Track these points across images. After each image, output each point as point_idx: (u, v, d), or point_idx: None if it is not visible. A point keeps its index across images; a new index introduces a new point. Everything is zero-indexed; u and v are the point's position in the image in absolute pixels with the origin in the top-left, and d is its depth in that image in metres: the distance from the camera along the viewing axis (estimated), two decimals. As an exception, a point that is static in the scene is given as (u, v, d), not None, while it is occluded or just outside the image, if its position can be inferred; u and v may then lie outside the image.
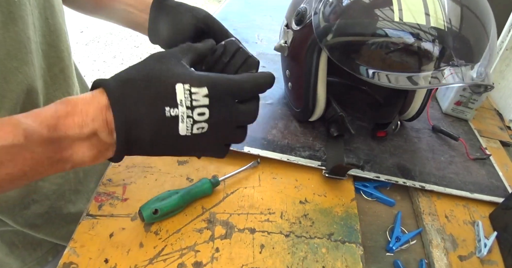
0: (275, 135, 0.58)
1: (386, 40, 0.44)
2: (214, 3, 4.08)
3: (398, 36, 0.44)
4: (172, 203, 0.42)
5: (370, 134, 0.63)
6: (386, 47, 0.45)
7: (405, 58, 0.45)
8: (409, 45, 0.44)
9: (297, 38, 0.56)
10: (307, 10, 0.53)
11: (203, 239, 0.42)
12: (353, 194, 0.51)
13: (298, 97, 0.59)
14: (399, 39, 0.44)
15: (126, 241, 0.40)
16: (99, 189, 0.45)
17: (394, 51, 0.45)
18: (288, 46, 0.58)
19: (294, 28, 0.55)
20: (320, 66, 0.53)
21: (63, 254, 0.38)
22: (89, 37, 3.10)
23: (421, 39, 0.44)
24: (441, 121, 0.72)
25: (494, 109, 0.83)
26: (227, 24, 0.46)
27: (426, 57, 0.44)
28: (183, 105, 0.32)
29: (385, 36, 0.44)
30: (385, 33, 0.44)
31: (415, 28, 0.43)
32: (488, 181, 0.58)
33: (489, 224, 0.52)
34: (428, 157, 0.61)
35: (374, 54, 0.46)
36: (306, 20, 0.52)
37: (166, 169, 0.49)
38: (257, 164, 0.52)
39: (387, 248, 0.46)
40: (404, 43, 0.44)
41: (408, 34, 0.44)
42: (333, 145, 0.58)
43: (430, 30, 0.43)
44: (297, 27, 0.55)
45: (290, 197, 0.49)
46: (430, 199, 0.54)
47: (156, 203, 0.42)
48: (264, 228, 0.44)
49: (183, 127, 0.33)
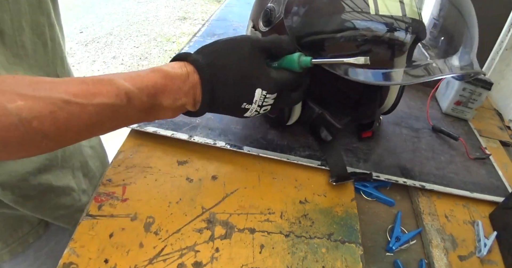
0: (275, 134, 0.58)
1: (361, 33, 0.42)
2: (214, 3, 4.08)
3: (373, 29, 0.41)
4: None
5: (355, 136, 0.61)
6: (362, 41, 0.42)
7: (382, 52, 0.43)
8: (383, 38, 0.42)
9: None
10: (276, 10, 0.49)
11: (203, 239, 0.42)
12: (353, 194, 0.51)
13: None
14: (374, 33, 0.41)
15: (126, 241, 0.40)
16: (99, 189, 0.45)
17: (370, 45, 0.42)
18: None
19: (263, 30, 0.52)
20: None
21: (63, 254, 0.38)
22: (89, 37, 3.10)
23: (394, 30, 0.41)
24: (441, 121, 0.72)
25: (494, 109, 0.83)
26: (227, 24, 0.46)
27: (400, 50, 0.42)
28: (256, 104, 0.41)
29: (357, 29, 0.42)
30: (356, 26, 0.42)
31: (390, 19, 0.41)
32: (488, 181, 0.58)
33: (489, 224, 0.52)
34: (428, 157, 0.61)
35: (348, 49, 0.44)
36: (276, 21, 0.49)
37: (166, 169, 0.49)
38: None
39: (387, 248, 0.46)
40: (378, 36, 0.42)
41: (383, 26, 0.41)
42: (329, 150, 0.56)
43: (404, 19, 0.41)
44: (266, 28, 0.51)
45: (290, 197, 0.49)
46: (430, 198, 0.54)
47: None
48: (264, 228, 0.44)
49: (248, 114, 0.43)
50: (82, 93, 0.31)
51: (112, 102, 0.32)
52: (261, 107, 0.42)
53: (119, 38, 3.17)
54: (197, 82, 0.38)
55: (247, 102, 0.41)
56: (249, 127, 0.58)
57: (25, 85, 0.29)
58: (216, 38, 0.59)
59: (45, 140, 0.30)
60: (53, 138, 0.31)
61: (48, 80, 0.31)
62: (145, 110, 0.36)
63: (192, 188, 0.48)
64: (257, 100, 0.41)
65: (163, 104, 0.37)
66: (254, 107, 0.42)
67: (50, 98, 0.29)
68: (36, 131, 0.29)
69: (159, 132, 0.53)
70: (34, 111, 0.28)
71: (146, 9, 3.81)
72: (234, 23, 0.94)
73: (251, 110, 0.42)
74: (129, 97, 0.33)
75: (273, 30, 0.50)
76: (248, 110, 0.42)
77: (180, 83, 0.37)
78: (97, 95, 0.31)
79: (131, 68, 2.78)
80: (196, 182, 0.48)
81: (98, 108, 0.32)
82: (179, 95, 0.37)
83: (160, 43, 3.18)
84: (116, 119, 0.34)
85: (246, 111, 0.42)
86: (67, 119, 0.30)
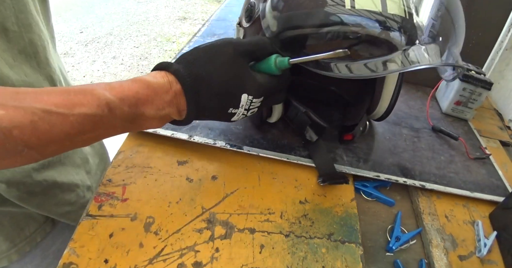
0: (275, 134, 0.58)
1: (340, 29, 0.41)
2: (214, 3, 4.08)
3: (352, 22, 0.40)
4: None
5: (337, 138, 0.59)
6: (342, 36, 0.41)
7: (362, 45, 0.42)
8: (365, 31, 0.40)
9: (248, 35, 0.53)
10: (256, 5, 0.50)
11: (203, 239, 0.42)
12: (352, 194, 0.51)
13: None
14: (354, 27, 0.40)
15: (126, 241, 0.40)
16: (99, 189, 0.45)
17: (350, 39, 0.41)
18: None
19: (245, 25, 0.52)
20: None
21: (63, 254, 0.38)
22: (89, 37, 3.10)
23: (383, 25, 0.40)
24: (441, 121, 0.72)
25: (494, 109, 0.83)
26: (227, 24, 0.47)
27: (386, 43, 0.41)
28: (242, 108, 0.42)
29: (338, 23, 0.41)
30: (338, 20, 0.40)
31: (371, 13, 0.40)
32: (488, 180, 0.58)
33: (489, 223, 0.52)
34: (428, 156, 0.61)
35: (327, 45, 0.42)
36: (255, 16, 0.50)
37: (166, 169, 0.49)
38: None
39: (387, 248, 0.46)
40: (358, 30, 0.40)
41: (364, 20, 0.40)
42: (316, 150, 0.55)
43: (384, 14, 0.40)
44: (247, 24, 0.52)
45: (290, 197, 0.49)
46: (430, 198, 0.54)
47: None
48: (264, 228, 0.44)
49: (235, 118, 0.43)
50: (63, 103, 0.31)
51: (93, 112, 0.32)
52: (248, 110, 0.43)
53: (119, 38, 3.17)
54: (179, 92, 0.38)
55: (234, 107, 0.41)
56: (249, 127, 0.58)
57: (6, 95, 0.29)
58: (216, 38, 0.59)
59: (27, 149, 0.30)
60: (34, 148, 0.31)
61: (30, 90, 0.31)
62: (129, 120, 0.36)
63: (192, 188, 0.48)
64: (244, 105, 0.41)
65: (146, 114, 0.37)
66: (241, 111, 0.42)
67: (31, 108, 0.29)
68: (16, 141, 0.29)
69: (159, 132, 0.53)
70: (15, 121, 0.28)
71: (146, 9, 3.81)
72: (234, 23, 0.94)
73: (238, 114, 0.42)
74: (110, 107, 0.33)
75: (253, 26, 0.50)
76: (235, 114, 0.42)
77: (162, 93, 0.37)
78: (78, 106, 0.32)
79: (131, 68, 2.78)
80: (196, 182, 0.48)
81: (79, 118, 0.32)
82: (162, 105, 0.37)
83: (160, 43, 3.18)
84: (99, 129, 0.34)
85: (233, 116, 0.42)
86: (48, 129, 0.30)
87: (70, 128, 0.31)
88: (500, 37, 0.85)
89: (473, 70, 0.71)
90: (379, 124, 0.66)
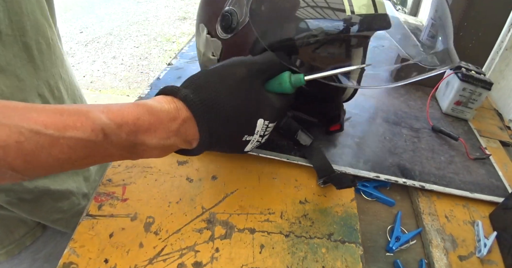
0: (275, 134, 0.57)
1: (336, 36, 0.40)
2: (214, 3, 4.08)
3: (352, 30, 0.39)
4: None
5: (324, 132, 0.59)
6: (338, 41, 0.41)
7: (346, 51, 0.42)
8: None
9: (229, 48, 0.46)
10: (237, 14, 0.44)
11: (203, 239, 0.42)
12: (352, 194, 0.51)
13: None
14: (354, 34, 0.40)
15: (126, 241, 0.40)
16: (99, 189, 0.45)
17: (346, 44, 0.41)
18: (218, 59, 0.48)
19: (223, 37, 0.46)
20: None
21: (63, 255, 0.38)
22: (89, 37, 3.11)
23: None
24: (441, 121, 0.72)
25: (494, 109, 0.83)
26: (227, 24, 0.46)
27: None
28: (257, 135, 0.39)
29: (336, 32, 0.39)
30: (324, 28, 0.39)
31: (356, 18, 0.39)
32: (488, 181, 0.58)
33: (489, 224, 0.52)
34: (428, 157, 0.61)
35: (329, 53, 0.43)
36: (239, 26, 0.44)
37: (166, 169, 0.49)
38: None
39: (386, 248, 0.46)
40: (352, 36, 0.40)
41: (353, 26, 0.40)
42: (311, 152, 0.53)
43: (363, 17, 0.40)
44: (227, 35, 0.45)
45: (290, 197, 0.49)
46: (430, 199, 0.54)
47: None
48: (264, 228, 0.44)
49: (249, 147, 0.40)
50: (54, 124, 0.28)
51: (87, 137, 0.29)
52: (262, 137, 0.40)
53: (119, 38, 3.17)
54: (189, 120, 0.34)
55: (248, 134, 0.38)
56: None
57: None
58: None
59: (11, 172, 0.27)
60: (20, 171, 0.28)
61: (20, 106, 0.28)
62: (126, 149, 0.32)
63: (192, 188, 0.48)
64: (259, 131, 0.38)
65: (147, 143, 0.33)
66: (255, 137, 0.39)
67: (18, 127, 0.26)
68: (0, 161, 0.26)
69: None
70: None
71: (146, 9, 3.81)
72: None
73: (252, 142, 0.40)
74: (105, 133, 0.30)
75: (236, 37, 0.44)
76: (249, 142, 0.39)
77: (168, 121, 0.33)
78: (70, 128, 0.28)
79: (131, 68, 2.78)
80: (196, 182, 0.48)
81: (70, 142, 0.28)
82: (167, 134, 0.33)
83: (160, 43, 3.18)
84: (92, 156, 0.30)
85: (247, 144, 0.39)
86: (35, 152, 0.27)
87: (59, 153, 0.28)
88: (500, 37, 0.85)
89: (473, 70, 0.71)
90: (379, 125, 0.66)
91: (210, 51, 0.48)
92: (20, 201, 0.48)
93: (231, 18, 0.43)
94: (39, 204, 0.51)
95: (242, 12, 0.43)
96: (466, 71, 0.69)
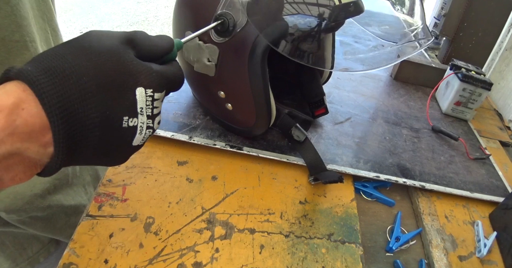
0: (275, 135, 0.58)
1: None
2: (214, 3, 4.08)
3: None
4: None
5: (310, 116, 0.61)
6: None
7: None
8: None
9: (227, 52, 0.45)
10: (233, 17, 0.42)
11: (203, 239, 0.42)
12: (352, 194, 0.51)
13: (247, 115, 0.50)
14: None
15: (126, 241, 0.40)
16: (99, 190, 0.45)
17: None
18: (216, 64, 0.46)
19: (219, 41, 0.45)
20: (266, 73, 0.46)
21: (63, 255, 0.38)
22: (89, 37, 3.10)
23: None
24: (441, 121, 0.72)
25: (493, 109, 0.83)
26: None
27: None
28: (144, 115, 0.27)
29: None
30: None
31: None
32: (488, 181, 0.58)
33: (489, 224, 0.52)
34: (428, 157, 0.61)
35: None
36: (237, 28, 0.43)
37: (166, 170, 0.49)
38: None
39: (386, 248, 0.46)
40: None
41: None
42: (305, 150, 0.53)
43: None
44: (224, 39, 0.44)
45: (290, 197, 0.49)
46: (430, 199, 0.54)
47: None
48: (264, 229, 0.44)
49: (139, 138, 0.28)
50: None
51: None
52: (152, 118, 0.28)
53: (119, 38, 3.17)
54: (28, 101, 0.22)
55: (130, 115, 0.26)
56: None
57: None
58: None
59: None
60: None
61: None
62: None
63: (192, 188, 0.48)
64: (144, 108, 0.27)
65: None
66: (143, 120, 0.27)
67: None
68: None
69: (159, 134, 0.53)
70: None
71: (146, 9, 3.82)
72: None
73: (141, 129, 0.28)
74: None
75: (233, 39, 0.44)
76: (136, 129, 0.27)
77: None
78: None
79: (131, 68, 2.78)
80: (196, 182, 0.48)
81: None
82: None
83: (160, 43, 3.17)
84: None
85: (134, 133, 0.28)
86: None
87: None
88: (500, 37, 0.85)
89: (473, 70, 0.71)
90: (379, 125, 0.66)
91: (205, 57, 0.47)
92: (32, 219, 0.48)
93: (227, 21, 0.42)
94: (53, 220, 0.51)
95: (237, 14, 0.42)
96: (466, 72, 0.69)
